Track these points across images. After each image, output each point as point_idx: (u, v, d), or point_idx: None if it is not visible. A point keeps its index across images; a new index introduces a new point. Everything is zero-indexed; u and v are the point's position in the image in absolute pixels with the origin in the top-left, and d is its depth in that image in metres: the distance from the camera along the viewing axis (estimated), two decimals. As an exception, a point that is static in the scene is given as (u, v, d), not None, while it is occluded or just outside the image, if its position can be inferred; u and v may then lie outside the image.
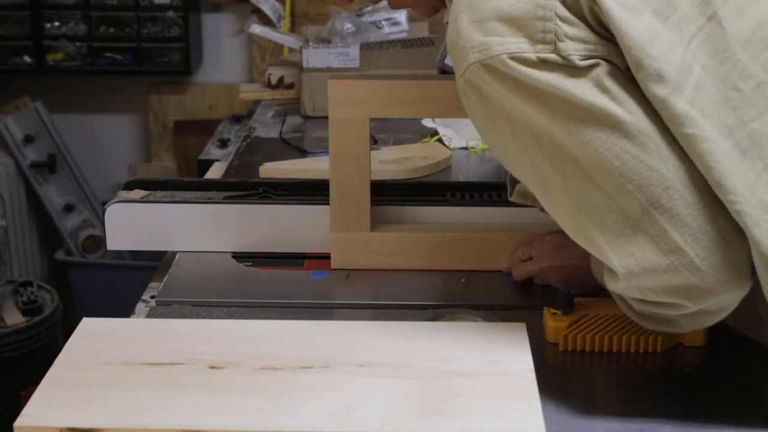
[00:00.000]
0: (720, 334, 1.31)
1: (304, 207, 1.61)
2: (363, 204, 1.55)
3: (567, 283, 1.40)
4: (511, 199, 1.47)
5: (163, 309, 1.47)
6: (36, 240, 3.43)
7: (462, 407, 1.07)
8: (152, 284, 1.56)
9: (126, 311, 1.47)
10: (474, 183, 1.80)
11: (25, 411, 1.06)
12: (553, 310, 1.33)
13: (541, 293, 1.36)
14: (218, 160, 2.22)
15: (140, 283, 1.59)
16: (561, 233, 1.25)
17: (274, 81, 2.58)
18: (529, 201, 1.42)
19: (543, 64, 1.11)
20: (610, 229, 1.13)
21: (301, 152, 2.17)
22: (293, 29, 3.10)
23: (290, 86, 2.56)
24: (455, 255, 1.57)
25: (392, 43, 2.44)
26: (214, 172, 2.10)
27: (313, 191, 1.65)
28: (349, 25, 2.47)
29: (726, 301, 1.14)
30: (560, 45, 1.11)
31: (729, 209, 1.09)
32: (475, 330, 1.25)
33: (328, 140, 1.53)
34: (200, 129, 3.33)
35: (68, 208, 3.41)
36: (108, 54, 3.38)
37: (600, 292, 1.30)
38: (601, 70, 1.11)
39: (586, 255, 1.23)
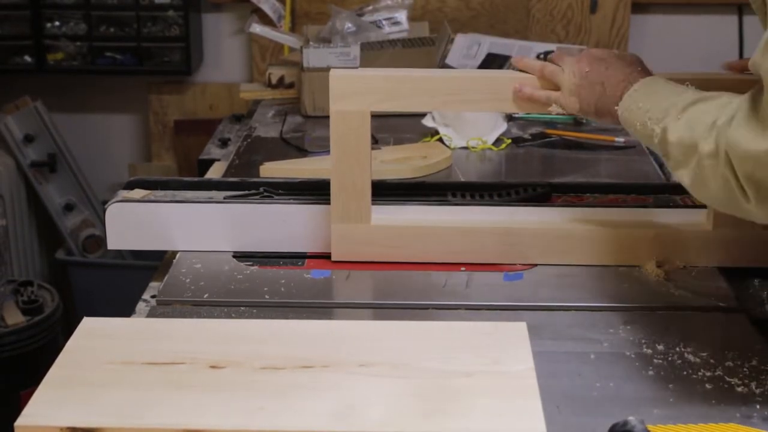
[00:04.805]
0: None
1: (304, 207, 1.61)
2: (364, 196, 1.55)
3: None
4: None
5: (164, 309, 1.47)
6: (36, 240, 3.43)
7: (462, 407, 1.07)
8: (152, 284, 1.57)
9: (126, 311, 1.47)
10: (474, 183, 1.80)
11: (25, 410, 1.06)
12: None
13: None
14: (218, 160, 2.22)
15: (140, 283, 1.59)
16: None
17: (274, 81, 2.58)
18: None
19: None
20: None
21: (302, 152, 2.17)
22: (293, 29, 3.10)
23: (290, 86, 2.56)
24: (455, 248, 1.57)
25: (392, 42, 2.44)
26: (215, 172, 2.10)
27: (313, 191, 1.65)
28: (350, 25, 2.47)
29: None
30: None
31: None
32: (475, 330, 1.25)
33: (330, 133, 1.53)
34: (200, 129, 3.32)
35: (68, 208, 3.41)
36: (108, 54, 3.38)
37: None
38: None
39: None
